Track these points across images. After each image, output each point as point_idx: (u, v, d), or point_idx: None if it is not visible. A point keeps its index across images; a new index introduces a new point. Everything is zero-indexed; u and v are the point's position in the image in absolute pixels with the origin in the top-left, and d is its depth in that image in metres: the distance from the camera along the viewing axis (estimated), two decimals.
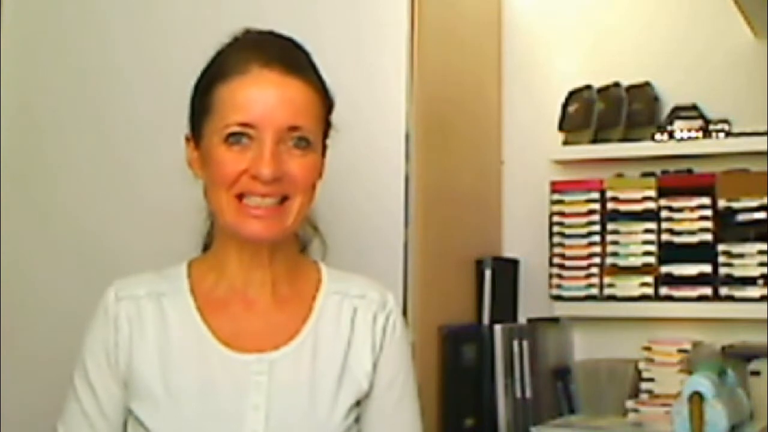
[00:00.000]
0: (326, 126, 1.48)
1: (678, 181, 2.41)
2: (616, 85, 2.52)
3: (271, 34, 1.47)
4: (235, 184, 1.39)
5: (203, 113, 1.44)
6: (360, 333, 1.48)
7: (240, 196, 1.39)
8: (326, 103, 1.47)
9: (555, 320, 2.50)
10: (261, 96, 1.40)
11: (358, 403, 1.46)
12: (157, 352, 1.42)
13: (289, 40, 1.47)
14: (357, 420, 1.46)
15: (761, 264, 2.29)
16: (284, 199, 1.40)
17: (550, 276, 2.49)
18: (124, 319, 1.44)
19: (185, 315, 1.45)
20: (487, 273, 2.39)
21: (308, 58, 1.47)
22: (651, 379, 2.34)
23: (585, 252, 2.46)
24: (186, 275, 1.49)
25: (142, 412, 1.41)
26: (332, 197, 1.54)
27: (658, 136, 2.43)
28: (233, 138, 1.39)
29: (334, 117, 1.50)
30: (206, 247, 1.55)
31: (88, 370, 1.45)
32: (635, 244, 2.41)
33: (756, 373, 2.21)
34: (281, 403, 1.40)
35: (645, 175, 2.45)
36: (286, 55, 1.44)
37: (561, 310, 2.48)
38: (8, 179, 2.38)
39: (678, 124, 2.42)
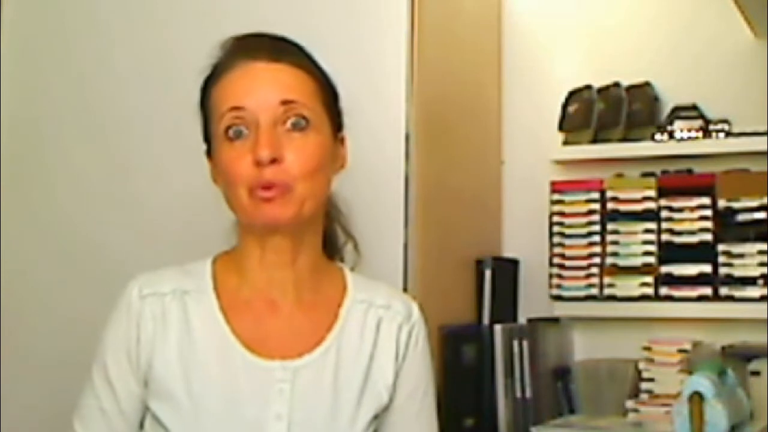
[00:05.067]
0: (335, 113, 1.46)
1: (678, 181, 2.40)
2: (616, 85, 2.52)
3: (258, 34, 1.47)
4: (242, 178, 1.36)
5: (206, 120, 1.44)
6: (383, 344, 1.46)
7: (250, 191, 1.36)
8: (325, 87, 1.45)
9: (555, 320, 2.50)
10: (248, 82, 1.40)
11: (377, 416, 1.44)
12: (178, 353, 1.39)
13: (279, 37, 1.46)
14: None
15: (761, 264, 2.29)
16: (291, 188, 1.36)
17: (550, 276, 2.49)
18: (149, 317, 1.41)
19: (209, 316, 1.42)
20: (487, 273, 2.39)
21: (300, 49, 1.46)
22: (651, 379, 2.34)
23: (585, 252, 2.46)
24: (210, 274, 1.46)
25: (162, 413, 1.39)
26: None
27: (658, 136, 2.43)
28: (232, 132, 1.38)
29: None
30: None
31: (108, 366, 1.42)
32: (635, 244, 2.41)
33: (756, 373, 2.21)
34: (303, 413, 1.38)
35: (645, 175, 2.45)
36: (271, 46, 1.44)
37: (561, 310, 2.48)
38: (8, 181, 2.38)
39: (678, 124, 2.42)
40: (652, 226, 2.40)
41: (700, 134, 2.40)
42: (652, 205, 2.40)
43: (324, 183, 1.43)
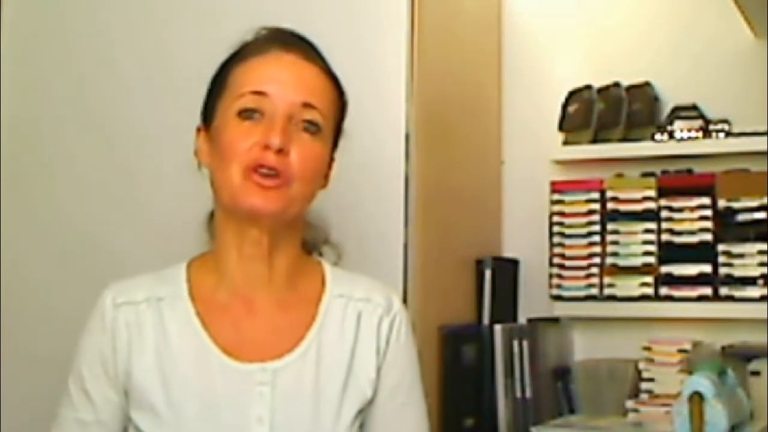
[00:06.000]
0: (337, 128, 1.47)
1: (678, 181, 2.40)
2: (616, 85, 2.52)
3: (292, 30, 1.48)
4: (244, 156, 1.37)
5: (218, 93, 1.44)
6: (364, 339, 1.45)
7: (247, 172, 1.37)
8: (340, 101, 1.47)
9: (555, 320, 2.50)
10: (278, 72, 1.41)
11: (362, 410, 1.43)
12: (156, 361, 1.39)
13: (308, 39, 1.48)
14: (361, 426, 1.44)
15: (761, 264, 2.29)
16: (288, 182, 1.37)
17: (550, 276, 2.49)
18: (123, 326, 1.41)
19: (185, 322, 1.41)
20: (487, 273, 2.39)
21: (324, 57, 1.47)
22: (651, 379, 2.34)
23: (585, 252, 2.46)
24: (185, 279, 1.46)
25: (143, 422, 1.38)
26: (332, 197, 1.53)
27: (658, 136, 2.43)
28: (246, 113, 1.39)
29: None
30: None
31: (84, 377, 1.42)
32: (635, 244, 2.41)
33: (756, 373, 2.21)
34: (285, 415, 1.38)
35: (645, 175, 2.45)
36: (306, 44, 1.46)
37: (561, 310, 2.48)
38: (8, 181, 2.38)
39: (678, 124, 2.42)
40: (652, 226, 2.40)
41: (700, 134, 2.40)
42: (652, 205, 2.40)
43: (313, 192, 1.44)
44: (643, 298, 2.39)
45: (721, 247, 2.33)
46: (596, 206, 2.46)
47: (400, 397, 1.48)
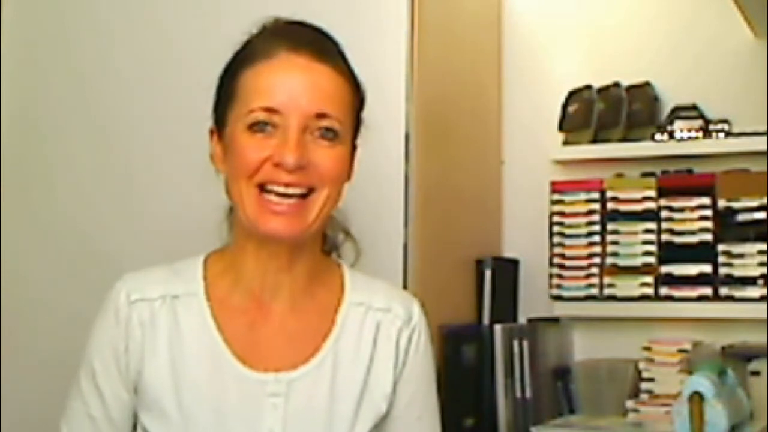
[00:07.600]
0: (357, 122, 1.42)
1: (678, 181, 2.40)
2: (616, 85, 2.52)
3: (301, 22, 1.42)
4: (256, 172, 1.32)
5: (227, 100, 1.38)
6: (382, 351, 1.41)
7: (261, 187, 1.32)
8: (357, 95, 1.41)
9: (555, 320, 2.50)
10: (287, 80, 1.34)
11: (376, 425, 1.40)
12: (169, 363, 1.36)
13: (319, 29, 1.43)
14: None
15: (761, 264, 2.29)
16: (309, 191, 1.33)
17: (550, 276, 2.49)
18: (137, 324, 1.37)
19: (200, 323, 1.38)
20: (487, 273, 2.39)
21: (338, 47, 1.42)
22: (651, 379, 2.34)
23: (585, 252, 2.46)
24: (202, 276, 1.42)
25: (151, 425, 1.36)
26: None
27: (658, 136, 2.43)
28: (257, 126, 1.33)
29: None
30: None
31: (96, 372, 1.39)
32: (635, 244, 2.41)
33: (756, 373, 2.21)
34: (297, 428, 1.35)
35: (645, 175, 2.45)
36: (315, 41, 1.39)
37: (561, 310, 2.48)
38: (8, 181, 2.38)
39: (678, 124, 2.42)
40: (652, 226, 2.40)
41: (700, 134, 2.40)
42: (652, 205, 2.40)
43: (337, 196, 1.39)
44: (643, 298, 2.39)
45: (721, 247, 2.33)
46: (596, 206, 2.46)
47: (415, 411, 1.45)
